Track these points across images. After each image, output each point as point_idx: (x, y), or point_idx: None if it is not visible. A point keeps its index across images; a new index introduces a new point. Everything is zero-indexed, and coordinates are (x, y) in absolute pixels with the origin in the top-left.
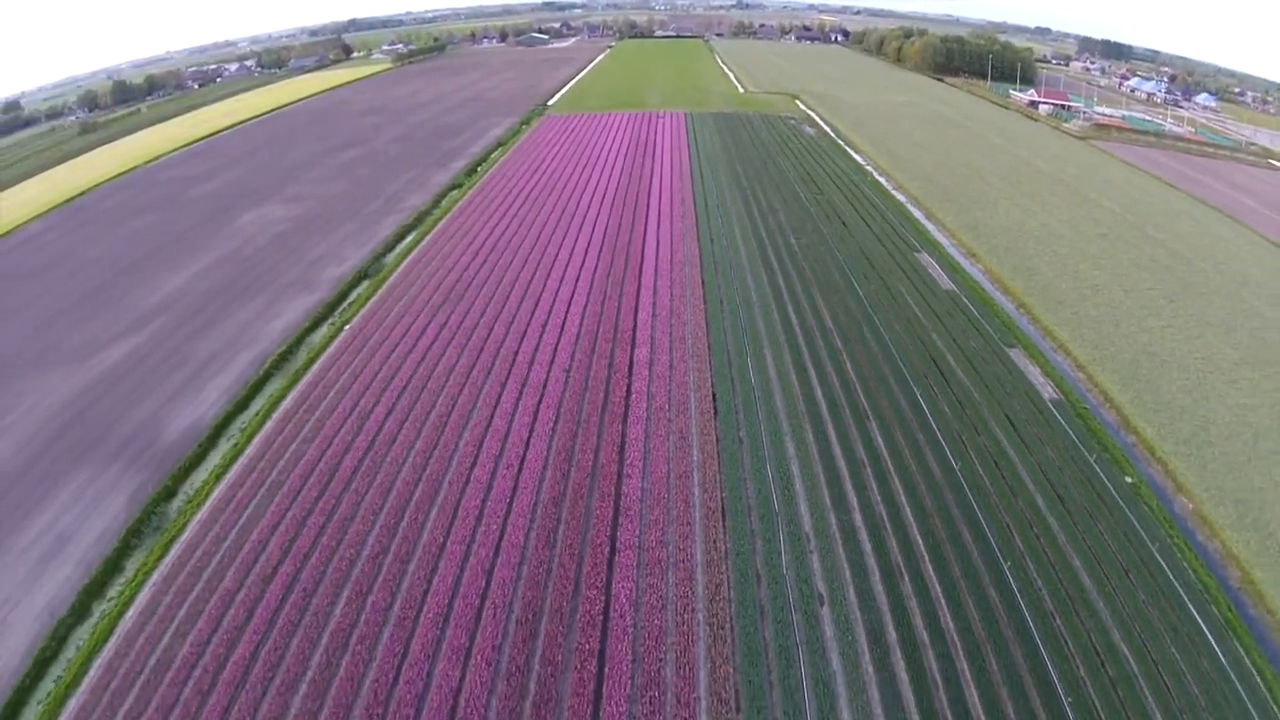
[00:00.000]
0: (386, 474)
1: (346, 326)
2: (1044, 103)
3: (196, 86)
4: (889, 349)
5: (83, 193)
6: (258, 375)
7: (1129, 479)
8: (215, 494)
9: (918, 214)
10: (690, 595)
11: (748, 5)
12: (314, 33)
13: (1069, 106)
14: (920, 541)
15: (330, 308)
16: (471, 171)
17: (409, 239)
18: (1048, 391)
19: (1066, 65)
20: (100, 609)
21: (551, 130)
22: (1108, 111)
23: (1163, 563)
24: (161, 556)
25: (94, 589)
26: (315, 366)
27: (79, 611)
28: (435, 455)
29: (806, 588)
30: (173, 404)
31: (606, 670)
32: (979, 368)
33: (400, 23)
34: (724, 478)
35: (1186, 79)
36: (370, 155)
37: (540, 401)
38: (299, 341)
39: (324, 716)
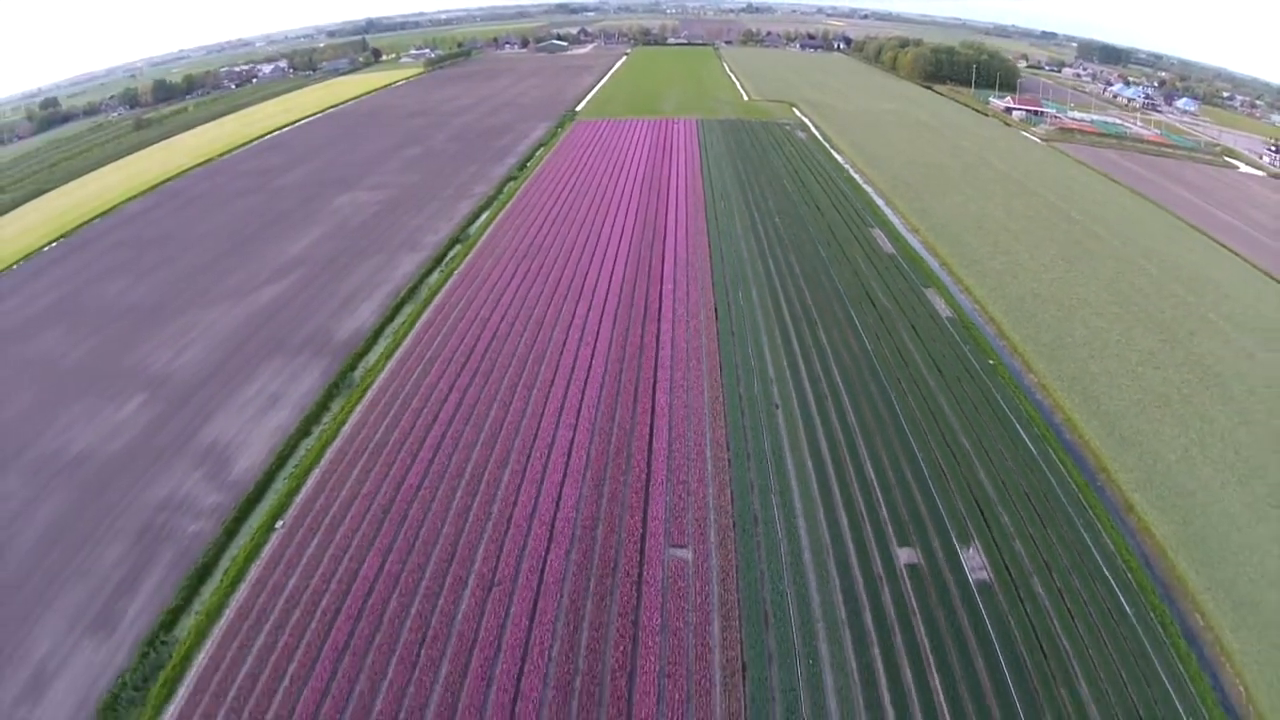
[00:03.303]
0: (506, 352)
1: (454, 273)
2: (1017, 109)
3: (234, 86)
4: (837, 286)
5: (167, 180)
6: (395, 301)
7: (991, 361)
8: (389, 366)
9: (879, 201)
10: (701, 403)
11: (757, 9)
12: (331, 33)
13: (1040, 112)
14: (841, 384)
15: (437, 261)
16: (522, 167)
17: (484, 216)
18: (946, 313)
19: (1059, 71)
20: (317, 430)
21: (584, 133)
22: (1077, 116)
23: (1003, 404)
24: (359, 399)
25: (311, 419)
26: (438, 296)
27: (302, 432)
28: (537, 343)
29: (768, 401)
30: (334, 319)
31: (654, 435)
32: (898, 298)
33: (417, 24)
34: (721, 351)
35: (1177, 84)
36: (431, 153)
37: (603, 311)
38: (420, 282)
39: (486, 477)
